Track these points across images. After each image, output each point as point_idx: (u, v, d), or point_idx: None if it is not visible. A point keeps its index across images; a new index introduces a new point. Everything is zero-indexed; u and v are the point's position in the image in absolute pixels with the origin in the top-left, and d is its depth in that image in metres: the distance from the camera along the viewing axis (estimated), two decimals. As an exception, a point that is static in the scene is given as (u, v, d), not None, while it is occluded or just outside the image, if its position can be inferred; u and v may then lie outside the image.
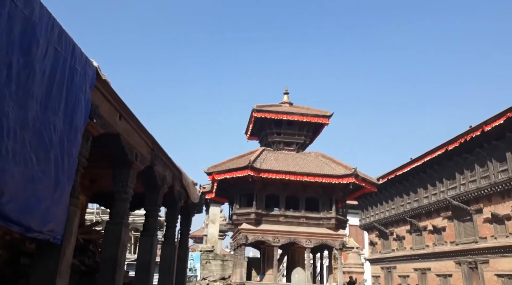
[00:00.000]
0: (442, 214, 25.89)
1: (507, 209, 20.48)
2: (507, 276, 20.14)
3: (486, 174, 21.89)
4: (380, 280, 34.46)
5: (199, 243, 48.22)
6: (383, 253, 34.30)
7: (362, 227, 39.15)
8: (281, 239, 20.02)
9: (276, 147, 23.42)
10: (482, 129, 20.68)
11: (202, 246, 32.15)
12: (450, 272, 24.74)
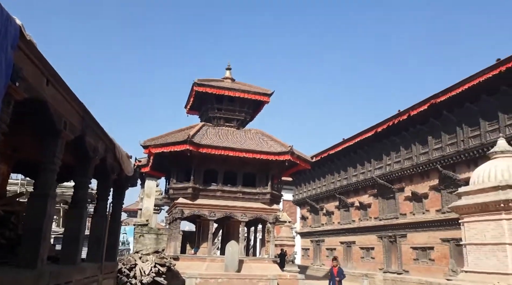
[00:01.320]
0: (369, 192, 27.74)
1: (425, 188, 22.45)
2: (420, 248, 22.30)
3: (410, 155, 23.70)
4: (309, 252, 36.44)
5: (133, 217, 47.20)
6: (313, 227, 36.16)
7: (295, 202, 40.82)
8: (217, 213, 20.29)
9: (217, 122, 23.35)
10: (408, 114, 22.22)
11: (136, 220, 31.57)
12: (372, 245, 26.82)
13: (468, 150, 19.38)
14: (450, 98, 19.53)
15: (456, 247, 18.99)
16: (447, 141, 20.91)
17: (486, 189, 12.50)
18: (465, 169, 19.45)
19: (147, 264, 16.13)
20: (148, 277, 15.68)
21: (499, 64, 16.92)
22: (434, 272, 20.49)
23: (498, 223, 11.95)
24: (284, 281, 19.37)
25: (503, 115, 17.77)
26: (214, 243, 30.26)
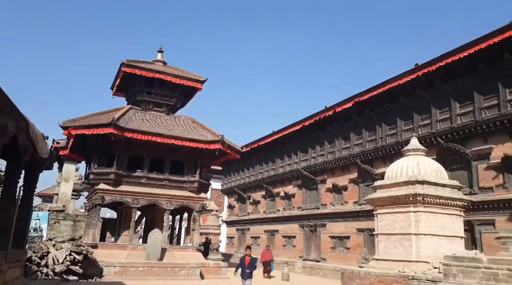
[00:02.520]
0: (294, 183, 28.75)
1: (345, 181, 23.82)
2: (338, 237, 23.69)
3: (333, 150, 24.94)
4: (234, 240, 36.94)
5: (49, 202, 44.04)
6: (239, 216, 36.67)
7: (223, 191, 41.00)
8: (141, 201, 19.65)
9: (145, 106, 22.47)
10: (334, 110, 23.31)
11: (51, 205, 29.43)
12: (294, 234, 27.92)
13: (385, 147, 20.88)
14: (372, 98, 20.82)
15: (369, 236, 20.45)
16: (367, 138, 22.33)
17: (398, 184, 13.55)
18: (381, 164, 20.93)
19: (62, 252, 15.17)
20: (62, 265, 14.77)
21: (417, 69, 18.37)
22: (349, 260, 21.90)
23: (406, 215, 13.05)
24: (207, 269, 19.42)
25: (417, 116, 19.38)
26: (137, 231, 29.36)
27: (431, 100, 18.65)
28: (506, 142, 15.69)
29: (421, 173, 13.31)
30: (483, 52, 15.61)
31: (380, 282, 12.14)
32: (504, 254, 9.02)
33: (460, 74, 17.12)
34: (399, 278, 11.50)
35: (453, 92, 17.68)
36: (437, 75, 17.71)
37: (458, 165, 17.33)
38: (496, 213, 15.51)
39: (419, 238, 12.60)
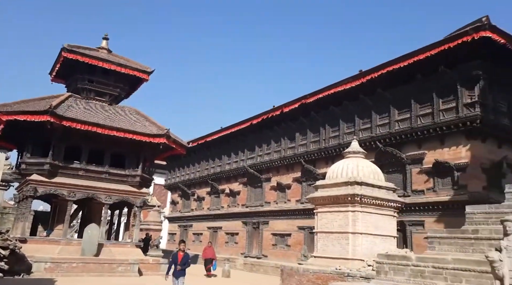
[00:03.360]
0: (239, 180, 28.85)
1: (289, 180, 24.32)
2: (279, 235, 24.15)
3: (279, 149, 25.35)
4: (176, 237, 36.34)
5: (-28, 193, 40.41)
6: (182, 212, 36.13)
7: (167, 187, 40.16)
8: (78, 194, 18.69)
9: (86, 95, 21.36)
10: (281, 110, 23.69)
11: (-25, 197, 27.05)
12: (237, 231, 28.03)
13: (328, 148, 21.58)
14: (318, 100, 21.42)
15: (309, 234, 21.04)
16: (312, 138, 22.96)
17: (338, 184, 14.07)
18: (324, 165, 21.61)
19: (-16, 247, 14.02)
20: (-16, 262, 13.64)
21: (360, 75, 19.16)
22: (289, 257, 22.39)
23: (345, 214, 13.59)
24: (147, 265, 18.93)
25: (359, 120, 20.23)
26: (72, 225, 27.88)
27: (372, 106, 19.54)
28: (437, 148, 16.85)
29: (360, 174, 13.91)
30: (421, 63, 16.63)
31: (317, 279, 12.52)
32: (430, 252, 9.70)
33: (400, 83, 18.11)
34: (335, 275, 11.93)
35: (393, 99, 18.67)
36: (379, 82, 18.59)
37: (394, 168, 18.33)
38: (425, 215, 16.61)
39: (356, 236, 13.17)
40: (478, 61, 15.63)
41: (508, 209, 9.09)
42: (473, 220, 9.86)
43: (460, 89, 16.12)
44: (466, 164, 15.70)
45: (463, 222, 10.28)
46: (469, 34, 14.83)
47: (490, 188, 15.36)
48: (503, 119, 16.45)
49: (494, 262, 5.95)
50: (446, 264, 8.36)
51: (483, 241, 8.68)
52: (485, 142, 16.07)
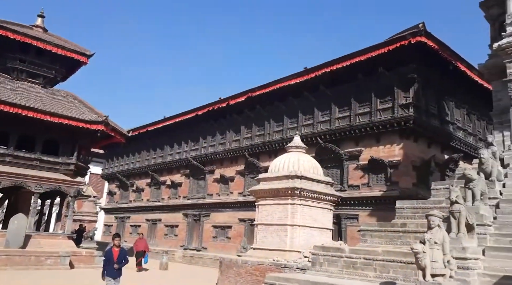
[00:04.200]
0: (182, 171, 28.38)
1: (233, 172, 24.36)
2: (220, 227, 24.16)
3: (224, 141, 25.26)
4: (112, 228, 35.00)
5: None
6: (120, 203, 34.85)
7: (104, 177, 38.47)
8: (4, 182, 17.30)
9: (17, 75, 19.75)
10: (227, 103, 23.61)
11: None
12: (177, 223, 27.60)
13: (271, 142, 21.88)
14: (263, 95, 21.62)
15: (250, 226, 21.26)
16: (256, 132, 23.14)
17: (280, 177, 14.30)
18: (267, 158, 21.88)
19: None
20: None
21: (305, 72, 19.59)
22: (229, 249, 22.48)
23: (284, 206, 13.86)
24: (79, 258, 18.04)
25: (302, 116, 20.71)
26: (-4, 215, 25.81)
27: (315, 103, 20.09)
28: (373, 146, 17.73)
29: (301, 168, 14.24)
30: (362, 64, 17.35)
31: (255, 270, 12.67)
32: (362, 245, 10.18)
33: (342, 82, 18.78)
34: (273, 266, 12.14)
35: (334, 97, 19.31)
36: (322, 80, 19.14)
37: (333, 164, 19.02)
38: (360, 209, 17.46)
39: (294, 228, 13.49)
40: (413, 65, 16.63)
41: (433, 205, 9.78)
42: (402, 215, 10.50)
43: (397, 90, 17.06)
44: (399, 162, 16.69)
45: (394, 216, 10.92)
46: (407, 38, 15.72)
47: (419, 184, 16.48)
48: (433, 121, 17.68)
49: (418, 253, 6.37)
50: (376, 256, 8.82)
51: (410, 234, 9.27)
52: (416, 142, 17.18)
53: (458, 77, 17.82)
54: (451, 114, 18.72)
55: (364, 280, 8.65)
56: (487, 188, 8.94)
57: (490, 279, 7.00)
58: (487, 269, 7.29)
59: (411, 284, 7.05)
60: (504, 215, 8.53)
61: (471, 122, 20.01)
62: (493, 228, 8.21)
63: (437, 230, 6.66)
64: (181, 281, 15.64)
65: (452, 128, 18.56)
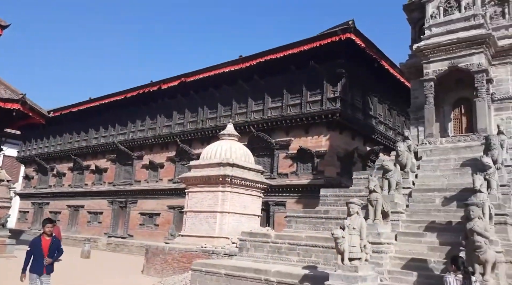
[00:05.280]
0: (107, 156, 27.07)
1: (163, 159, 23.79)
2: (148, 214, 23.57)
3: (154, 126, 24.50)
4: (29, 215, 32.49)
5: None
6: (38, 189, 32.39)
7: (20, 160, 35.38)
8: None
9: None
10: (159, 86, 22.89)
11: None
12: (101, 210, 26.38)
13: (204, 129, 21.71)
14: (198, 80, 21.30)
15: (179, 213, 21.01)
16: (189, 118, 22.78)
17: (211, 165, 14.29)
18: (199, 145, 21.67)
19: None
20: None
21: (240, 60, 19.63)
22: (156, 236, 22.03)
23: (215, 194, 13.90)
24: (-12, 247, 16.51)
25: (236, 104, 20.77)
26: None
27: (249, 92, 20.25)
28: (302, 136, 18.38)
29: (233, 156, 14.34)
30: (295, 56, 17.81)
31: (182, 257, 12.60)
32: (287, 230, 10.56)
33: (275, 72, 19.12)
34: (200, 252, 12.17)
35: (267, 87, 19.63)
36: (257, 69, 19.34)
37: (264, 152, 19.41)
38: (288, 196, 18.07)
39: (223, 215, 13.62)
40: (342, 60, 17.43)
41: (353, 193, 10.42)
42: (326, 202, 11.06)
43: (326, 84, 17.80)
44: (325, 152, 17.50)
45: (319, 203, 11.46)
46: (337, 34, 16.41)
47: (342, 174, 17.45)
48: (358, 115, 18.76)
49: (338, 238, 6.75)
50: (300, 241, 9.21)
51: (332, 220, 9.80)
52: (342, 134, 18.13)
53: (382, 74, 19.02)
54: (374, 109, 19.98)
55: (287, 264, 9.00)
56: (402, 178, 9.72)
57: (400, 262, 7.66)
58: (398, 252, 7.96)
59: (331, 267, 7.46)
60: (415, 203, 9.36)
61: (391, 117, 21.55)
62: (405, 215, 8.98)
63: (356, 216, 7.09)
64: (103, 269, 15.03)
65: (375, 122, 19.85)
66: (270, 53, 18.49)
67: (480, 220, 6.55)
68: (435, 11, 11.29)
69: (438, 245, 7.82)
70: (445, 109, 11.42)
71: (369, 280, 6.80)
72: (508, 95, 10.91)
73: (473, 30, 10.54)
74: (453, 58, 10.71)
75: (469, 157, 9.75)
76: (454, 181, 9.37)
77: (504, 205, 7.83)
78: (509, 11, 11.46)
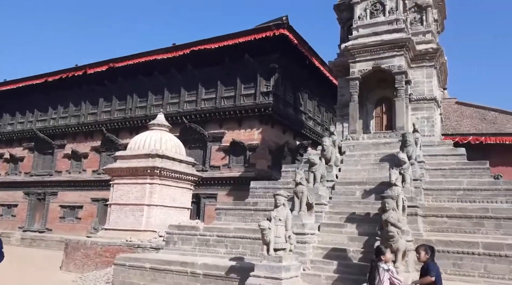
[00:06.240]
0: (24, 144, 24.93)
1: (87, 148, 22.45)
2: (69, 207, 22.14)
3: (78, 113, 23.01)
4: None
5: None
6: None
7: None
8: None
9: None
10: (85, 71, 21.49)
11: None
12: (16, 202, 24.26)
13: (134, 118, 20.84)
14: (127, 67, 20.34)
15: (103, 206, 19.97)
16: (117, 106, 21.72)
17: (140, 155, 13.76)
18: (127, 135, 20.77)
19: None
20: None
21: (173, 48, 19.09)
22: (78, 230, 20.78)
23: (143, 186, 13.43)
24: None
25: (168, 93, 20.19)
26: None
27: (182, 81, 19.80)
28: (235, 129, 18.41)
29: (163, 147, 13.96)
30: (230, 48, 17.72)
31: (106, 251, 12.04)
32: (216, 223, 10.54)
33: (210, 63, 18.89)
34: (125, 246, 11.72)
35: (201, 78, 19.34)
36: (191, 59, 18.94)
37: (197, 144, 19.15)
38: (219, 188, 18.03)
39: (151, 208, 13.24)
40: (276, 55, 17.71)
41: (282, 185, 10.66)
42: (255, 194, 11.20)
43: (259, 78, 17.97)
44: (257, 145, 17.72)
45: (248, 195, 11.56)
46: (271, 29, 16.61)
47: (273, 167, 17.81)
48: (289, 110, 19.21)
49: (264, 230, 6.88)
50: (228, 233, 9.25)
51: (261, 212, 9.95)
52: (273, 128, 18.46)
53: (313, 71, 19.65)
54: (304, 105, 20.62)
55: (215, 256, 9.00)
56: (327, 172, 10.15)
57: (322, 251, 8.01)
58: (320, 242, 8.31)
59: (257, 258, 7.59)
60: (337, 195, 9.83)
61: (320, 113, 22.40)
62: (328, 207, 9.39)
63: (282, 208, 7.27)
64: (15, 266, 13.83)
65: (305, 117, 20.49)
66: (204, 43, 18.20)
67: (394, 212, 7.04)
68: (363, 13, 11.86)
69: (357, 235, 8.29)
70: (368, 107, 12.09)
71: (293, 270, 7.03)
72: (424, 97, 11.84)
73: (395, 33, 11.25)
74: (377, 59, 11.35)
75: (387, 152, 10.43)
76: (373, 175, 9.98)
77: (416, 198, 8.50)
78: (427, 18, 12.41)
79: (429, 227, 8.29)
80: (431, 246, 5.29)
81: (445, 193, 9.05)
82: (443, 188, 9.15)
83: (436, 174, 9.86)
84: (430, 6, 12.48)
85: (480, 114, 18.81)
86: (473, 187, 8.95)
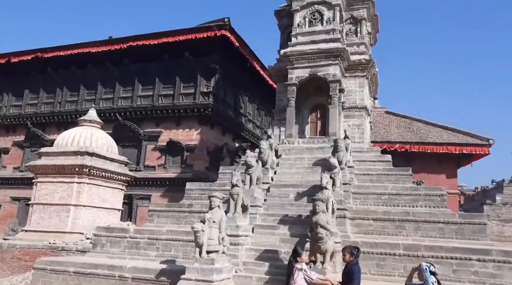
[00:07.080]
0: None
1: (9, 143, 20.71)
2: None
3: (0, 104, 21.12)
4: None
5: None
6: None
7: None
8: None
9: None
10: (9, 59, 19.82)
11: None
12: None
13: (63, 113, 19.59)
14: (58, 57, 19.09)
15: (25, 206, 18.45)
16: (45, 99, 20.29)
17: (67, 153, 12.94)
18: (55, 131, 19.45)
19: None
20: None
21: (109, 41, 18.24)
22: (-6, 232, 19.05)
23: (69, 185, 12.62)
24: None
25: (101, 88, 19.24)
26: None
27: (118, 76, 18.98)
28: (173, 129, 18.02)
29: (93, 145, 13.26)
30: (169, 45, 17.34)
31: (25, 255, 11.15)
32: (149, 225, 10.19)
33: (148, 59, 18.32)
34: (47, 249, 10.94)
35: (138, 73, 18.69)
36: (128, 53, 18.24)
37: (131, 143, 18.43)
38: (153, 189, 17.51)
39: (78, 209, 12.50)
40: (217, 56, 17.62)
41: (218, 187, 10.60)
42: (191, 195, 11.01)
43: (200, 78, 17.77)
44: (195, 146, 17.48)
45: (183, 197, 11.33)
46: (213, 30, 16.52)
47: (211, 168, 17.66)
48: (229, 111, 19.20)
49: (198, 232, 6.77)
50: (160, 235, 8.99)
51: (195, 214, 9.80)
52: (213, 128, 18.34)
53: (253, 74, 19.85)
54: (244, 107, 20.74)
55: (145, 259, 8.71)
56: (263, 174, 10.27)
57: (255, 253, 8.07)
58: (254, 244, 8.37)
59: (190, 261, 7.45)
60: (272, 197, 9.97)
61: (259, 117, 22.68)
62: (263, 209, 9.49)
63: (217, 210, 7.21)
64: None
65: (244, 120, 20.61)
66: (143, 38, 17.62)
67: (324, 214, 7.29)
68: (302, 21, 12.19)
69: (289, 236, 8.47)
70: (304, 112, 12.43)
71: (225, 272, 6.99)
72: (355, 105, 12.44)
73: (331, 43, 11.70)
74: (314, 67, 11.72)
75: (320, 157, 10.80)
76: (306, 178, 10.27)
77: (345, 201, 8.88)
78: (361, 30, 13.06)
79: (356, 229, 8.71)
80: (357, 247, 5.53)
81: (372, 197, 9.57)
82: (370, 192, 9.67)
83: (364, 179, 10.39)
84: (365, 19, 13.15)
85: (406, 123, 20.19)
86: (397, 192, 9.56)
